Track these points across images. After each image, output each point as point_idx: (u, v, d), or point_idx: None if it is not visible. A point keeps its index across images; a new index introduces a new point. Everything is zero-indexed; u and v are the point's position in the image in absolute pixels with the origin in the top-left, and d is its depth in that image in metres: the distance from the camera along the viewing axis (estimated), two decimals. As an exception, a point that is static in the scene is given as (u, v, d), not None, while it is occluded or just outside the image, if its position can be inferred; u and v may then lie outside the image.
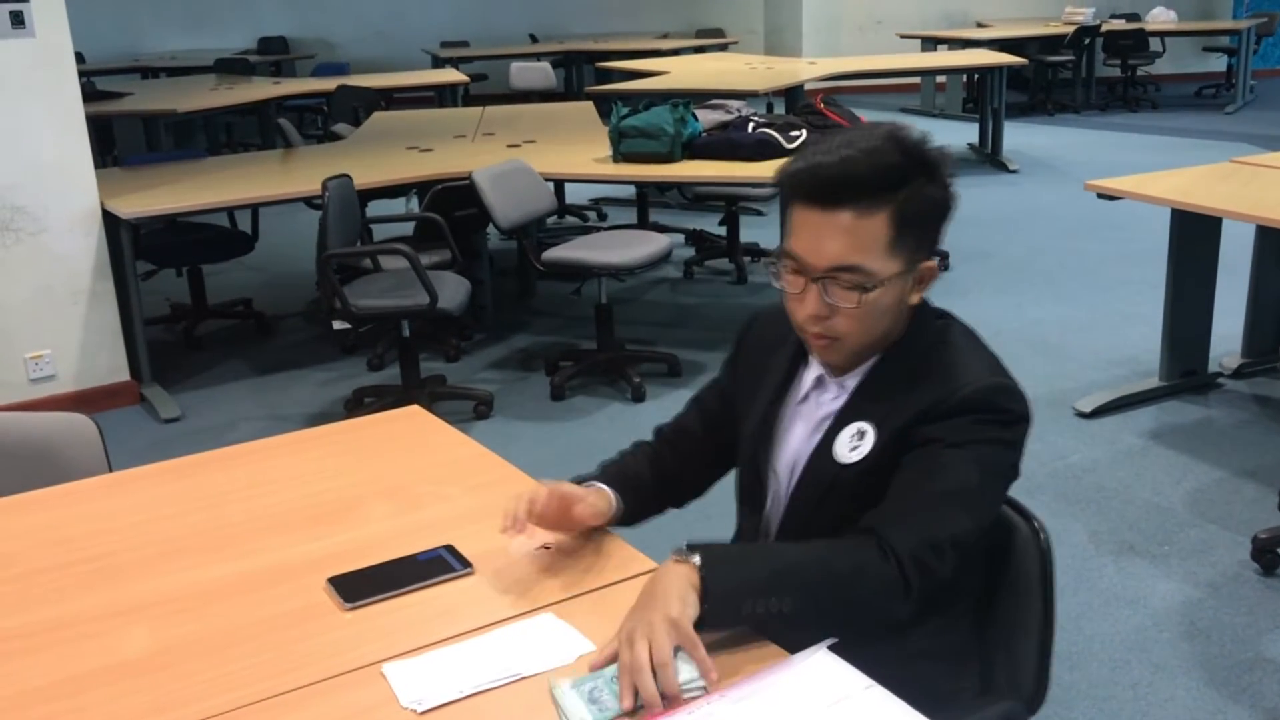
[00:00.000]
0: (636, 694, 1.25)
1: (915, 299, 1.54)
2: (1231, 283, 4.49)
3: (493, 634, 1.41)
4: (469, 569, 1.56)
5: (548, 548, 1.62)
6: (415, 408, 2.19)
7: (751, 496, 1.68)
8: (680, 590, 1.34)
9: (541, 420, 4.34)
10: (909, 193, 1.45)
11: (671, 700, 1.25)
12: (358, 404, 4.43)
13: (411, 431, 2.09)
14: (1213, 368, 4.44)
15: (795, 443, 1.62)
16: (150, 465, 1.97)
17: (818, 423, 1.60)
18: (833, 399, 1.59)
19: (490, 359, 5.04)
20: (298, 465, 1.96)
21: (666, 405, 4.42)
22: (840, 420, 1.56)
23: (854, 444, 1.53)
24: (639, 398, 4.47)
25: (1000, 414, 1.48)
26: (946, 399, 1.47)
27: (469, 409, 4.39)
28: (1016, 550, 1.63)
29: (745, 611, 1.36)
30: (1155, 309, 4.39)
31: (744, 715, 1.23)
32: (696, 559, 1.37)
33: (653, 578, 1.38)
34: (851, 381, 1.57)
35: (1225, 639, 2.81)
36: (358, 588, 1.51)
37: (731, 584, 1.36)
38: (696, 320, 5.50)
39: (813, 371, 1.62)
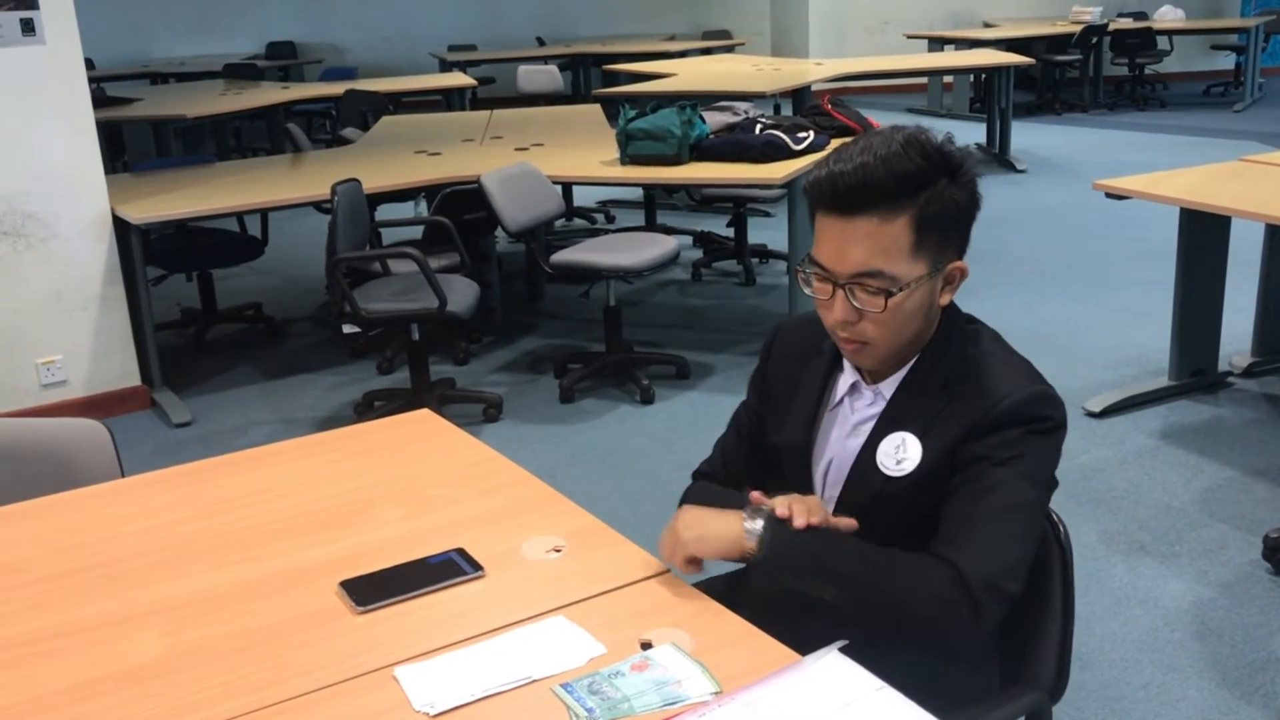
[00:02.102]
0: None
1: (945, 300, 1.55)
2: (1241, 281, 4.48)
3: (504, 637, 1.42)
4: (480, 572, 1.56)
5: (558, 550, 1.62)
6: (425, 411, 2.20)
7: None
8: (722, 529, 1.48)
9: (550, 423, 4.34)
10: (930, 196, 1.46)
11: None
12: (367, 407, 4.44)
13: (421, 435, 2.10)
14: (1223, 367, 4.42)
15: (830, 448, 1.63)
16: (161, 470, 1.98)
17: (853, 427, 1.60)
18: (868, 404, 1.60)
19: (499, 362, 5.05)
20: (308, 469, 1.96)
21: (675, 407, 4.43)
22: (880, 428, 1.57)
23: (899, 455, 1.54)
24: (648, 400, 4.47)
25: (1043, 423, 1.50)
26: (990, 411, 1.48)
27: (478, 412, 4.40)
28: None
29: (788, 584, 1.43)
30: (1164, 308, 4.38)
31: (755, 717, 1.23)
32: (759, 522, 1.46)
33: (714, 512, 1.52)
34: (887, 388, 1.58)
35: (1237, 639, 2.80)
36: (369, 591, 1.52)
37: (784, 554, 1.44)
38: (705, 322, 5.50)
39: (847, 378, 1.63)
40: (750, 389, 1.79)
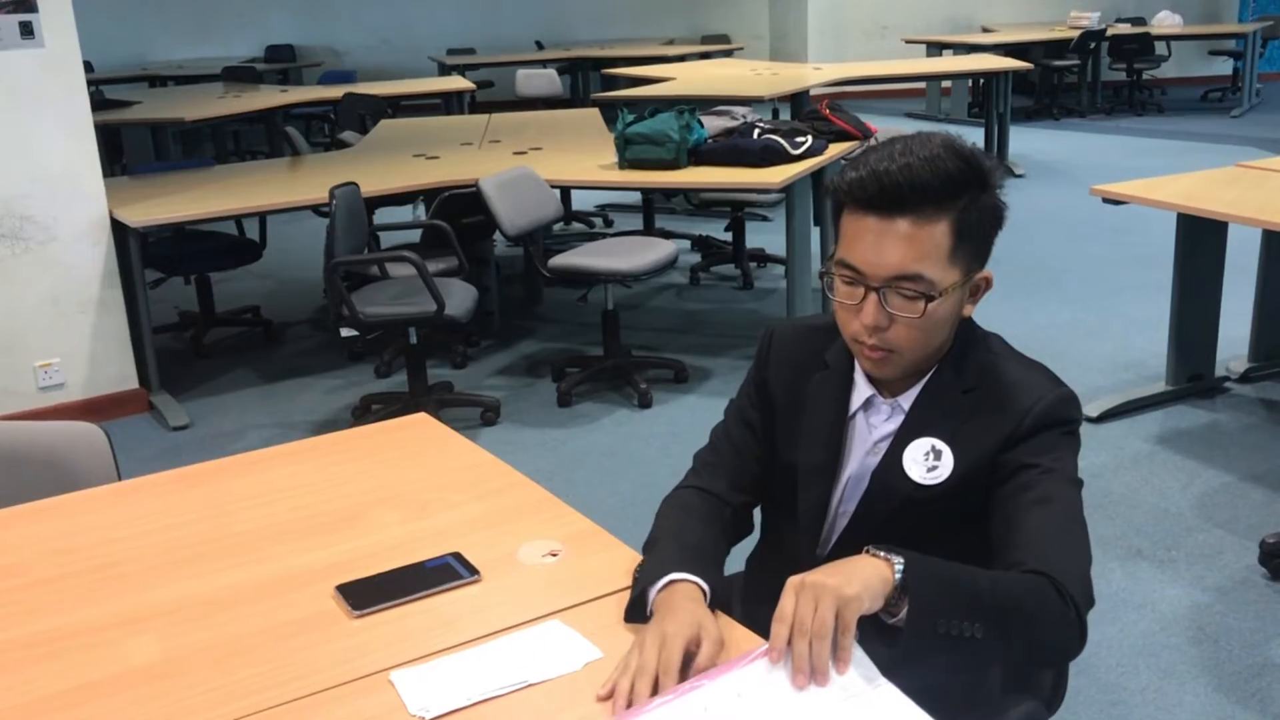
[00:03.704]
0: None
1: (969, 311, 1.53)
2: (1238, 286, 4.49)
3: (500, 641, 1.42)
4: (476, 576, 1.56)
5: (555, 555, 1.62)
6: (422, 415, 2.20)
7: (811, 517, 1.63)
8: (868, 578, 1.26)
9: (548, 427, 4.34)
10: (967, 201, 1.45)
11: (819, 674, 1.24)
12: (365, 411, 4.44)
13: (419, 439, 2.10)
14: (1219, 372, 4.43)
15: (848, 466, 1.60)
16: (159, 474, 1.97)
17: (873, 445, 1.58)
18: (885, 419, 1.57)
19: (497, 366, 5.05)
20: (305, 473, 1.96)
21: (673, 412, 4.43)
22: (904, 436, 1.54)
23: (930, 463, 1.51)
24: (645, 404, 4.48)
25: (1072, 424, 1.51)
26: (1024, 417, 1.48)
27: (476, 416, 4.40)
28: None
29: (940, 630, 1.27)
30: (1161, 313, 4.39)
31: (753, 710, 1.23)
32: (898, 560, 1.28)
33: (843, 560, 1.30)
34: (905, 401, 1.56)
35: (1233, 644, 2.80)
36: (366, 595, 1.52)
37: (934, 595, 1.28)
38: (703, 326, 5.51)
39: (861, 392, 1.59)
40: (744, 395, 1.72)
